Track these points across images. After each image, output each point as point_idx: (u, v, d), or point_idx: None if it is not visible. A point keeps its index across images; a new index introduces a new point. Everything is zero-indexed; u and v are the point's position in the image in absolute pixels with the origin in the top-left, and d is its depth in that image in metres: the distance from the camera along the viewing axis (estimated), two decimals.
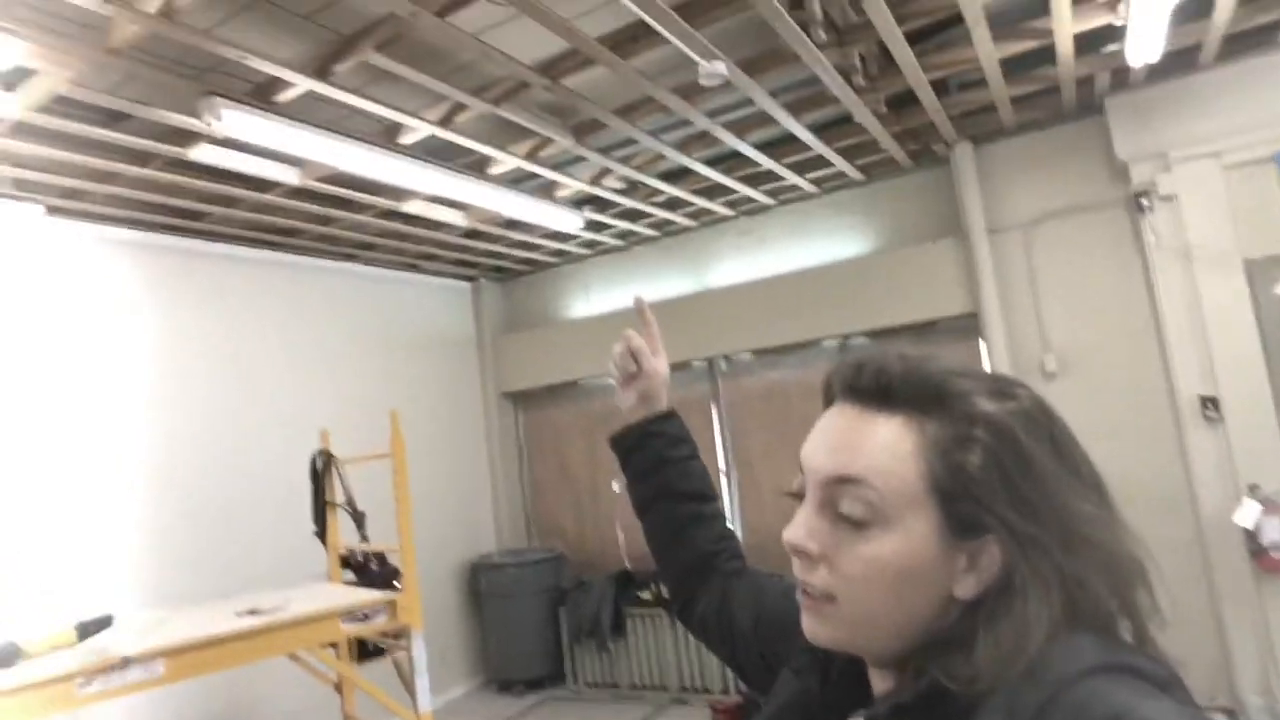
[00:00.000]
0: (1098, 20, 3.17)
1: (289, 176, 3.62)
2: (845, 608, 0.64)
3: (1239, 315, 3.86)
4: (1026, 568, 0.60)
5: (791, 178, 4.62)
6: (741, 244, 5.45)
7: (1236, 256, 3.87)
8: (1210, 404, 3.90)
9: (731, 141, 3.88)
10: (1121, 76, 3.90)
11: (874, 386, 0.66)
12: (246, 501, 4.35)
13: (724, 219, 5.38)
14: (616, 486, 5.89)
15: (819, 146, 4.12)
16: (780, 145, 4.21)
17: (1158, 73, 3.87)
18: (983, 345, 4.59)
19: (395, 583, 3.35)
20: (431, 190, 3.88)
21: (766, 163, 4.26)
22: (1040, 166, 4.45)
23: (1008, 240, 4.51)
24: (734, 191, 4.77)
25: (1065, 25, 3.15)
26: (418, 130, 3.33)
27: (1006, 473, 0.61)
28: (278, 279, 4.84)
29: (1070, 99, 4.05)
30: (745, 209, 5.25)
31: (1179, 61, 3.78)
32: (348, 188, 3.91)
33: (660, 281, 5.73)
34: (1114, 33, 3.34)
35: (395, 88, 3.08)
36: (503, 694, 5.57)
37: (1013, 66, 3.58)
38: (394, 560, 3.52)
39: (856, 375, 0.67)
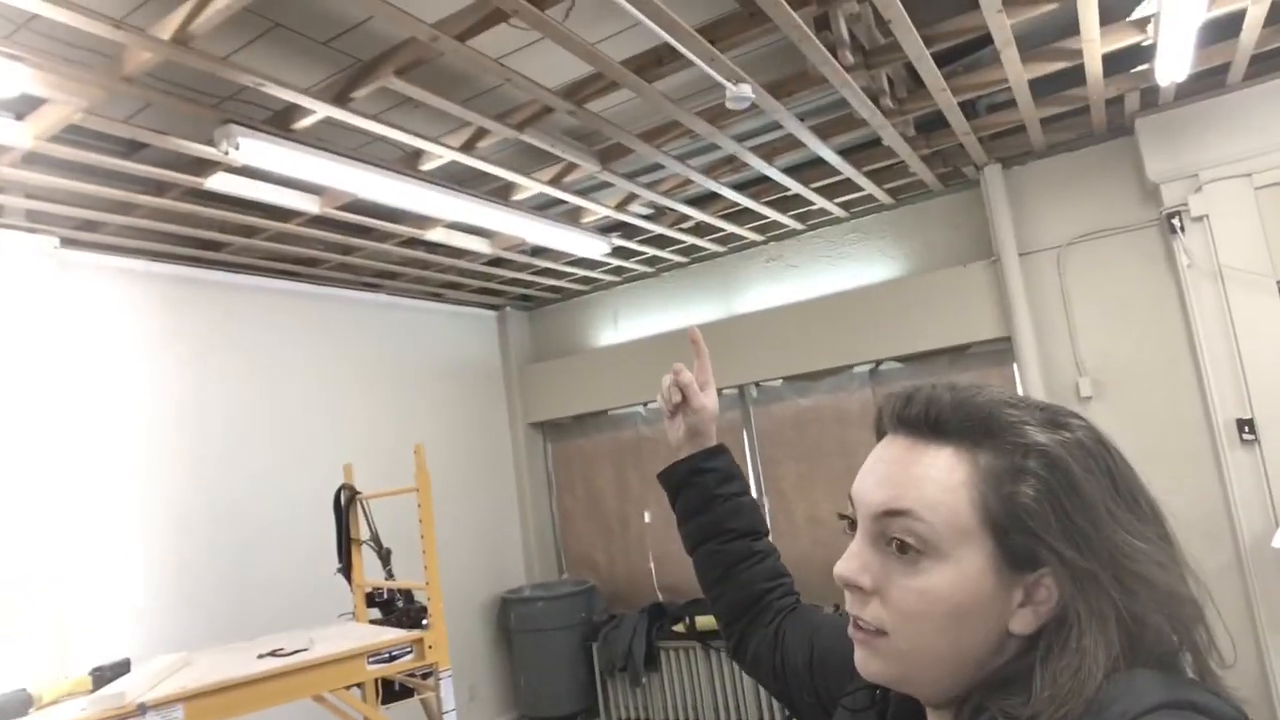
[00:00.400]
0: (1126, 40, 3.11)
1: (309, 205, 3.62)
2: (898, 642, 0.63)
3: (1272, 336, 3.75)
4: (1082, 603, 0.59)
5: (820, 202, 4.56)
6: (770, 269, 5.38)
7: (1269, 277, 3.76)
8: (1247, 426, 3.77)
9: (759, 166, 3.83)
10: (1150, 97, 3.82)
11: (924, 417, 0.65)
12: (268, 539, 4.32)
13: (752, 244, 5.32)
14: (648, 517, 5.81)
15: (847, 170, 4.06)
16: (808, 169, 4.16)
17: (1186, 93, 3.80)
18: (1016, 369, 4.46)
19: (423, 620, 3.27)
20: (454, 217, 3.87)
21: (795, 187, 4.21)
22: (1071, 188, 4.35)
23: (1040, 262, 4.41)
24: (762, 216, 4.72)
25: (1094, 45, 3.08)
26: (439, 156, 3.31)
27: (1060, 505, 0.60)
28: (298, 309, 4.84)
29: (1100, 119, 3.96)
30: (774, 234, 5.19)
31: (1208, 82, 3.72)
32: (369, 216, 3.90)
33: (689, 308, 5.67)
34: (1142, 53, 3.28)
35: (416, 114, 3.07)
36: None
37: (1041, 87, 3.52)
38: (420, 597, 3.44)
39: (905, 406, 0.67)
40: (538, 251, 4.97)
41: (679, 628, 5.19)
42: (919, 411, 0.66)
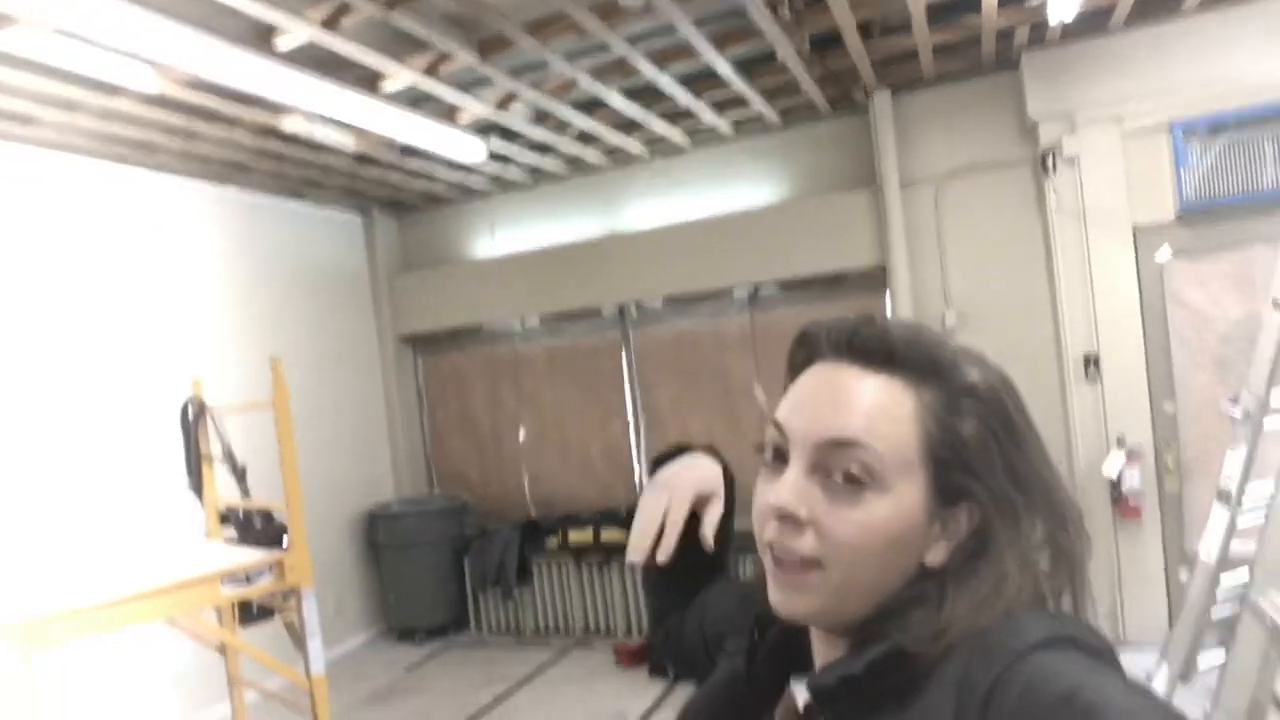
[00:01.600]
0: None
1: (142, 80, 3.16)
2: (831, 574, 0.62)
3: (1124, 279, 4.01)
4: (1006, 532, 0.61)
5: (710, 117, 4.44)
6: (655, 186, 5.25)
7: (1127, 222, 3.99)
8: (1092, 362, 4.08)
9: (650, 72, 3.66)
10: (1039, 32, 3.89)
11: (877, 347, 0.64)
12: (108, 456, 3.93)
13: (638, 159, 5.16)
14: (523, 434, 5.73)
15: (739, 84, 3.95)
16: (700, 81, 4.02)
17: (1073, 32, 3.86)
18: (888, 298, 4.61)
19: (282, 541, 3.09)
20: (314, 106, 3.48)
21: (685, 98, 4.07)
22: (955, 120, 4.43)
23: (919, 193, 4.51)
24: (649, 129, 4.56)
25: None
26: (296, 34, 2.94)
27: (998, 441, 0.62)
28: (132, 200, 4.31)
29: (989, 51, 4.02)
30: (660, 149, 5.04)
31: (1094, 23, 3.79)
32: (215, 96, 3.46)
33: (570, 219, 5.48)
34: None
35: None
36: (402, 642, 5.42)
37: (937, 13, 3.51)
38: (280, 516, 3.25)
39: (856, 335, 0.65)
40: (408, 151, 4.62)
41: (552, 543, 5.22)
42: (873, 342, 0.64)
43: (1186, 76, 3.81)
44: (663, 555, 0.86)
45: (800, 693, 0.65)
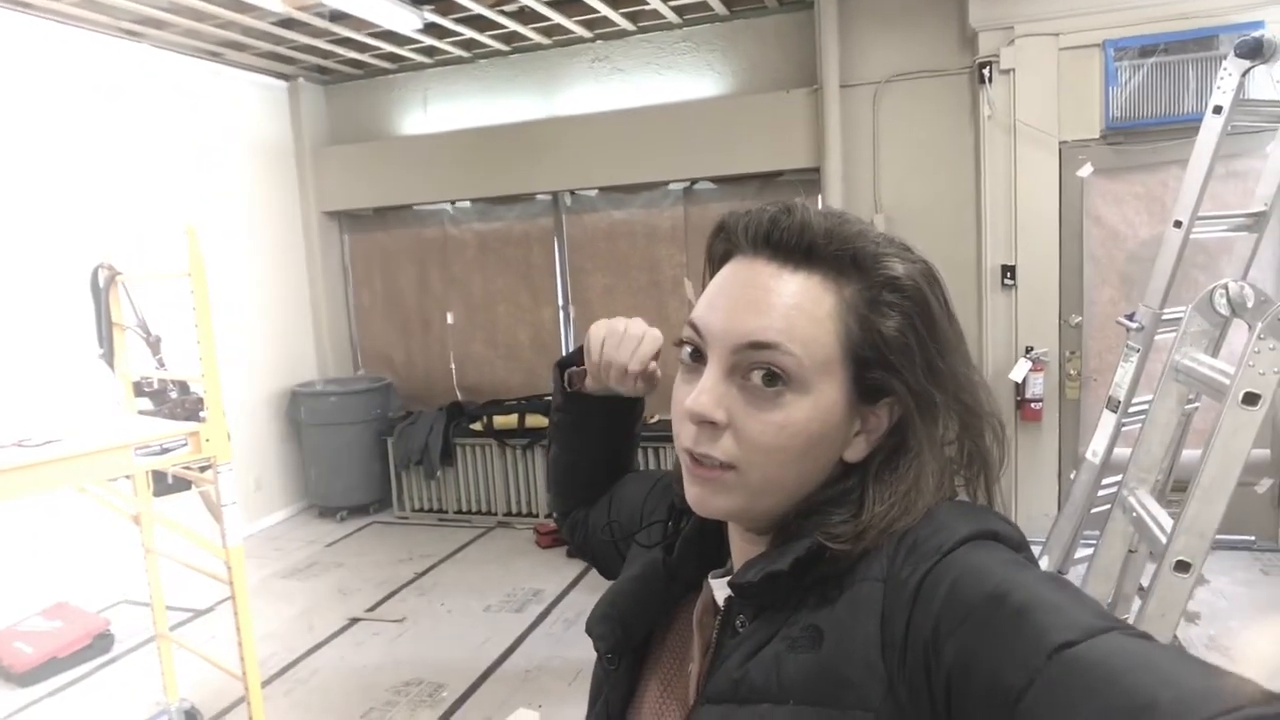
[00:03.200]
0: None
1: None
2: (748, 476, 0.61)
3: (1046, 193, 4.14)
4: (924, 429, 0.61)
5: (654, 1, 4.29)
6: (595, 70, 5.10)
7: (1054, 137, 4.09)
8: (1009, 272, 4.25)
9: None
10: None
11: (795, 243, 0.61)
12: (15, 324, 3.78)
13: (579, 40, 4.98)
14: (450, 318, 5.71)
15: None
16: None
17: None
18: (820, 200, 4.66)
19: (199, 413, 3.07)
20: None
21: None
22: (898, 23, 4.40)
23: (857, 96, 4.51)
24: (591, 9, 4.39)
25: None
26: None
27: (920, 338, 0.60)
28: (35, 53, 3.99)
29: None
30: (602, 31, 4.87)
31: None
32: None
33: (507, 100, 5.31)
34: None
35: None
36: (323, 519, 5.51)
37: None
38: (197, 388, 3.21)
39: (773, 228, 0.61)
40: (337, 16, 4.35)
41: (476, 426, 5.30)
42: (791, 236, 0.61)
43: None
44: (637, 364, 0.83)
45: (720, 589, 0.65)
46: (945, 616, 0.51)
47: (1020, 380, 4.15)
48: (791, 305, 0.60)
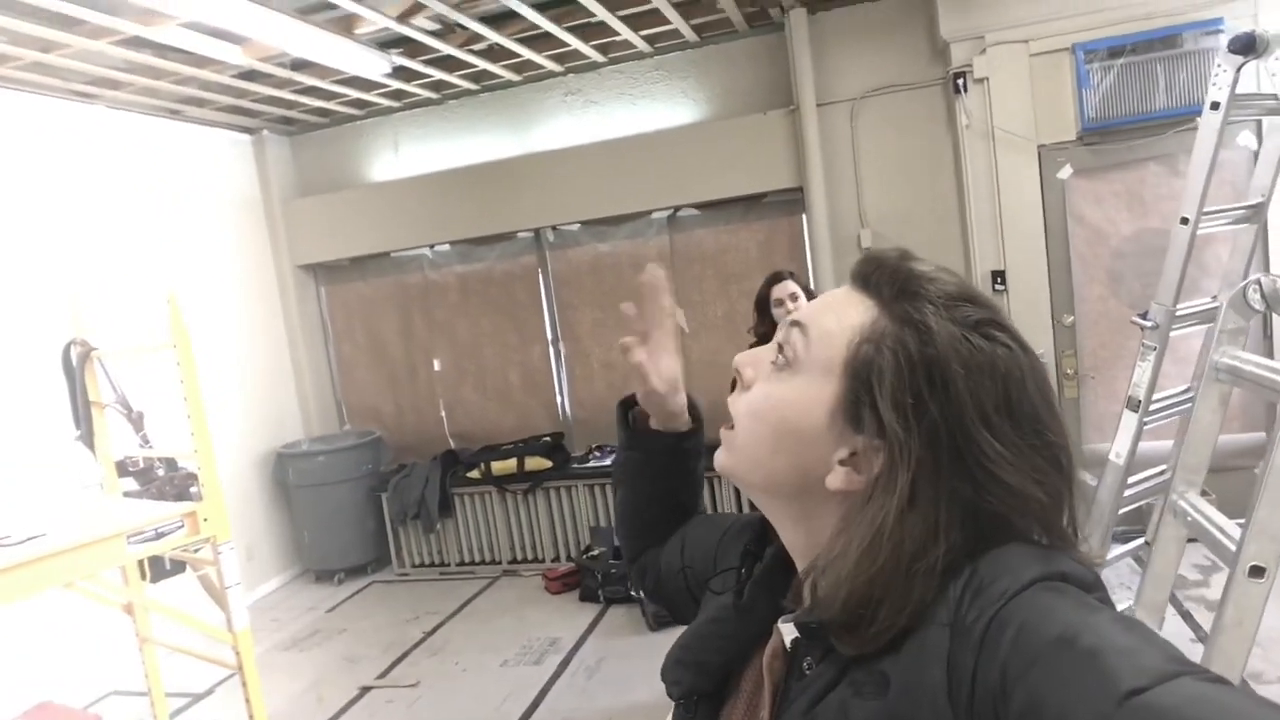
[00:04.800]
0: None
1: None
2: (739, 436, 0.68)
3: (1028, 196, 4.16)
4: (889, 480, 0.60)
5: (624, 32, 4.26)
6: (568, 104, 5.05)
7: (1032, 141, 4.12)
8: (999, 277, 4.25)
9: None
10: None
11: (860, 272, 0.68)
12: None
13: (550, 75, 4.93)
14: (438, 364, 5.57)
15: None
16: None
17: None
18: (805, 220, 4.64)
19: (191, 488, 2.91)
20: (191, 14, 3.13)
21: (599, 11, 3.87)
22: (870, 39, 4.42)
23: (834, 114, 4.50)
24: (562, 43, 4.34)
25: None
26: None
27: (914, 385, 0.60)
28: None
29: None
30: (573, 65, 4.82)
31: None
32: (76, 3, 3.07)
33: (480, 139, 5.23)
34: None
35: None
36: (320, 583, 5.31)
37: None
38: (186, 464, 3.05)
39: (860, 262, 0.69)
40: (300, 65, 4.25)
41: (474, 474, 5.16)
42: (861, 267, 0.68)
43: (1089, 2, 3.91)
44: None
45: (789, 631, 0.65)
46: (1012, 662, 0.50)
47: None
48: (836, 309, 0.66)
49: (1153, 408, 2.60)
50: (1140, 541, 2.80)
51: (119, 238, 4.44)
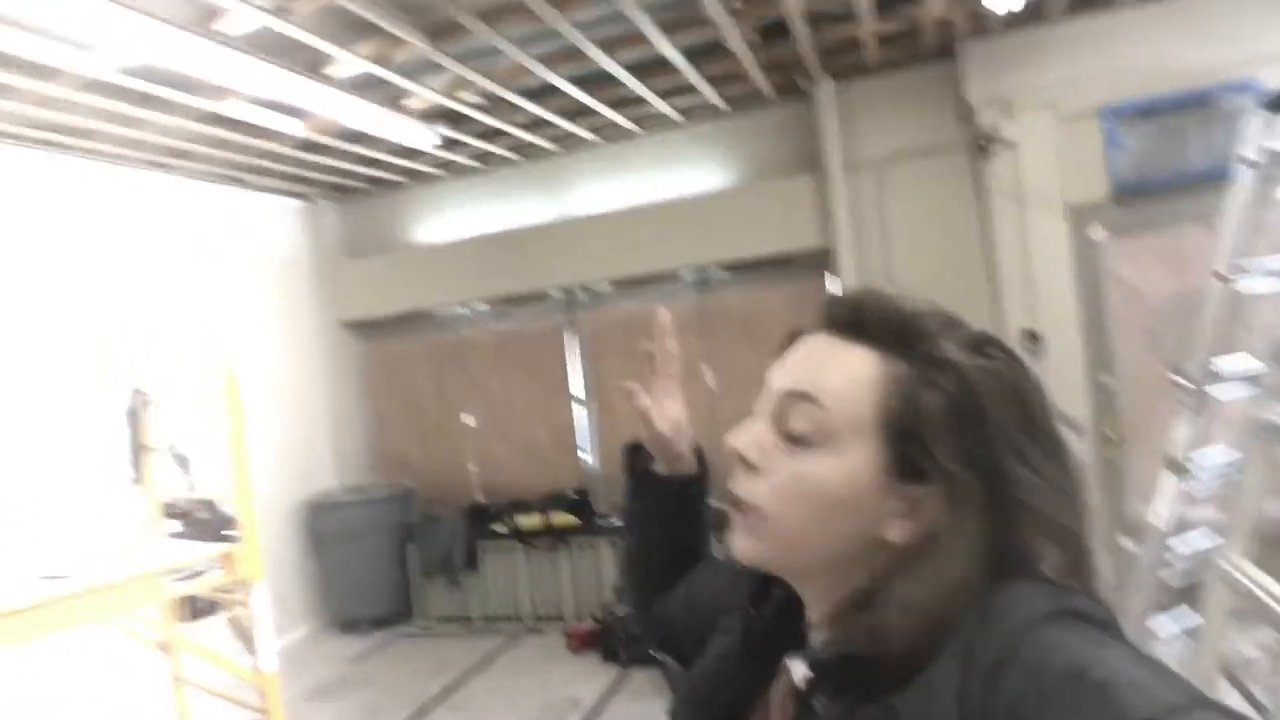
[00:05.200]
0: None
1: (80, 64, 3.03)
2: (774, 524, 0.63)
3: (1060, 257, 4.18)
4: (955, 521, 0.59)
5: (658, 104, 4.46)
6: (604, 171, 5.26)
7: (1062, 202, 4.16)
8: (1032, 337, 4.24)
9: (600, 59, 3.65)
10: (978, 22, 4.01)
11: (846, 317, 0.66)
12: (50, 448, 3.77)
13: (587, 144, 5.15)
14: (470, 420, 5.69)
15: (688, 72, 3.98)
16: (649, 69, 4.03)
17: (1009, 22, 4.00)
18: (832, 280, 4.72)
19: (229, 531, 3.03)
20: (259, 91, 3.39)
21: (635, 86, 4.08)
22: (896, 107, 4.55)
23: (862, 178, 4.62)
24: (599, 115, 4.55)
25: None
26: (244, 17, 2.86)
27: (959, 424, 0.60)
28: (69, 188, 4.15)
29: (930, 41, 4.13)
30: (609, 135, 5.04)
31: (1029, 13, 3.92)
32: (155, 82, 3.34)
33: (519, 206, 5.45)
34: None
35: None
36: (347, 634, 5.35)
37: (880, 4, 3.59)
38: (225, 508, 3.18)
39: (832, 306, 0.68)
40: (355, 137, 4.52)
41: (500, 528, 5.21)
42: (843, 311, 0.66)
43: (1116, 64, 4.00)
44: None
45: (798, 669, 0.65)
46: (1023, 697, 0.49)
47: None
48: (834, 366, 0.63)
49: (1201, 472, 2.55)
50: (1191, 616, 2.72)
51: (178, 292, 4.68)
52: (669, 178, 5.11)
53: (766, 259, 4.91)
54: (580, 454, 5.48)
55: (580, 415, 5.47)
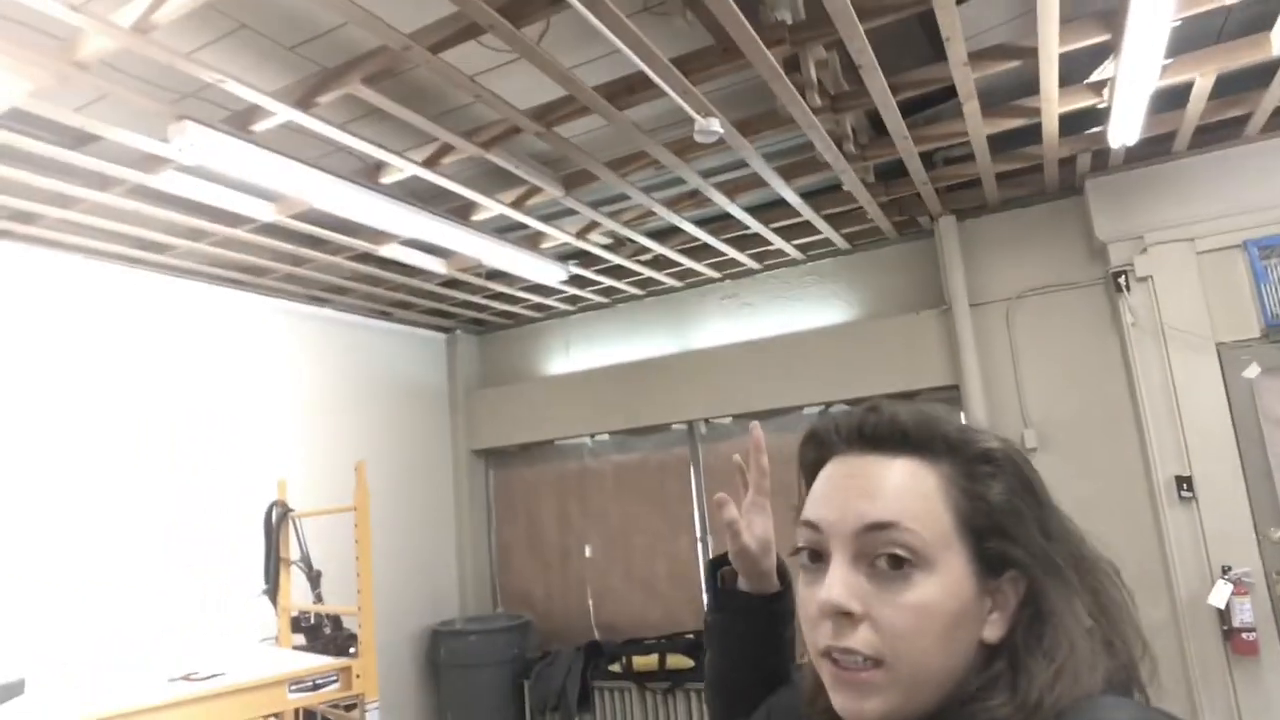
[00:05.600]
0: (1082, 102, 3.24)
1: (261, 211, 3.50)
2: (896, 669, 0.60)
3: (1211, 396, 3.88)
4: (1057, 595, 0.60)
5: (778, 243, 4.60)
6: (725, 307, 5.40)
7: (1209, 339, 3.91)
8: (1185, 484, 3.89)
9: (721, 202, 3.85)
10: (1101, 159, 3.98)
11: (889, 433, 0.65)
12: (190, 556, 4.09)
13: (709, 280, 5.34)
14: (589, 551, 5.70)
15: (807, 213, 4.11)
16: (769, 209, 4.20)
17: (1135, 157, 3.96)
18: (963, 417, 4.53)
19: (350, 649, 3.12)
20: (411, 234, 3.78)
21: (755, 226, 4.24)
22: (1022, 242, 4.48)
23: (989, 313, 4.51)
24: (720, 254, 4.74)
25: (1052, 105, 3.20)
26: (401, 170, 3.24)
27: (1025, 501, 0.63)
28: (241, 319, 4.68)
29: (1053, 178, 4.10)
30: (731, 272, 5.22)
31: (1156, 148, 3.89)
32: (322, 226, 3.79)
33: (642, 340, 5.65)
34: (1097, 115, 3.42)
35: (381, 125, 3.01)
36: None
37: (998, 143, 3.63)
38: (349, 624, 3.29)
39: (865, 423, 0.67)
40: (493, 275, 4.90)
41: (615, 667, 5.06)
42: (885, 427, 0.66)
43: (1255, 198, 3.84)
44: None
45: None
46: None
47: (1223, 607, 3.64)
48: (900, 486, 0.63)
49: None
50: None
51: (327, 417, 5.07)
52: (790, 313, 5.18)
53: (892, 395, 4.79)
54: (701, 593, 5.32)
55: (700, 552, 5.36)
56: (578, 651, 5.24)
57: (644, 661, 4.98)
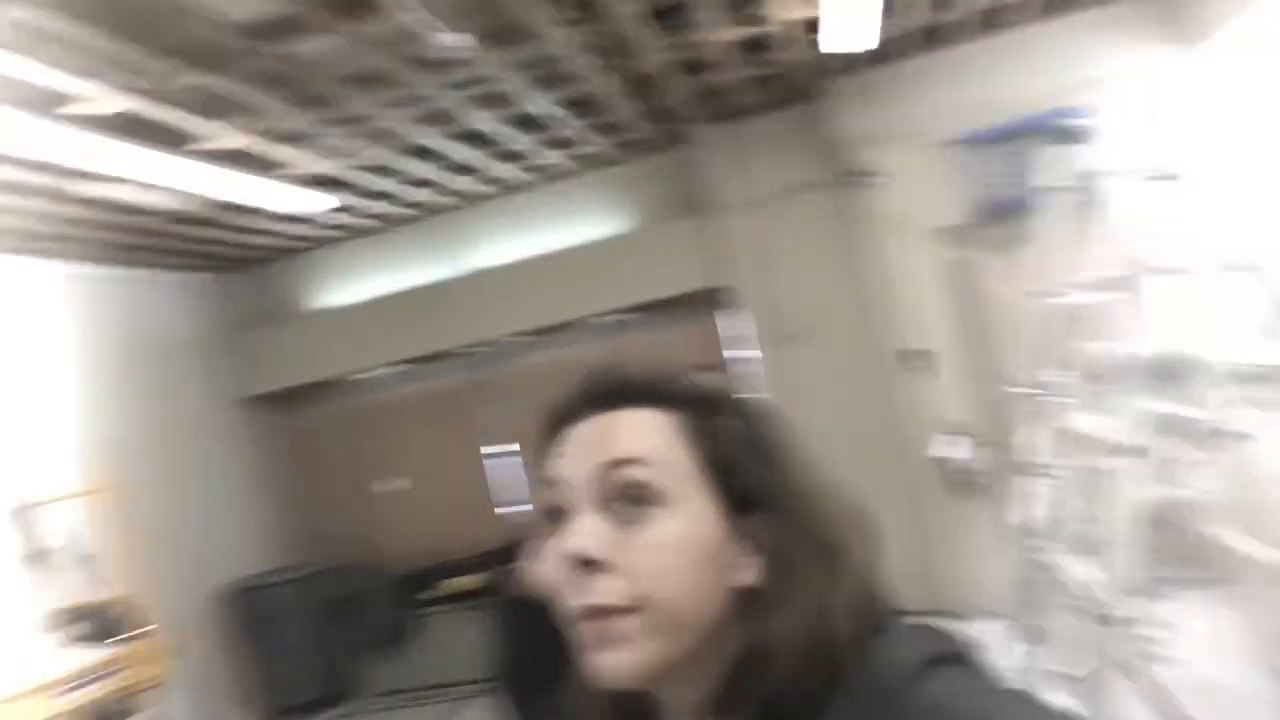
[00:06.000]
0: (800, 13, 3.37)
1: None
2: (651, 613, 0.57)
3: (933, 278, 4.41)
4: (799, 534, 0.60)
5: (541, 157, 4.57)
6: (502, 224, 5.34)
7: (932, 226, 4.37)
8: (916, 355, 4.42)
9: (480, 119, 3.72)
10: (847, 62, 4.17)
11: (620, 389, 0.64)
12: None
13: (480, 197, 5.23)
14: (400, 484, 5.56)
15: (567, 124, 4.08)
16: (531, 123, 4.12)
17: (877, 59, 4.21)
18: (720, 319, 4.86)
19: (129, 633, 2.90)
20: (119, 170, 3.30)
21: (517, 140, 4.17)
22: (774, 146, 4.75)
23: (746, 217, 4.76)
24: (485, 170, 4.62)
25: (779, 11, 3.34)
26: (108, 103, 2.81)
27: (763, 443, 0.63)
28: None
29: (800, 82, 4.32)
30: (499, 188, 5.12)
31: (895, 49, 4.17)
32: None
33: (425, 265, 5.49)
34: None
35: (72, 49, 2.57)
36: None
37: (748, 50, 3.75)
38: (129, 606, 3.05)
39: (589, 383, 0.65)
40: (239, 208, 4.44)
41: (435, 593, 5.09)
42: (611, 384, 0.64)
43: (966, 96, 4.27)
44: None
45: None
46: None
47: (946, 455, 4.24)
48: (635, 428, 0.62)
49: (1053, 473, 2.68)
50: None
51: (71, 384, 4.43)
52: (563, 228, 5.23)
53: (658, 301, 5.00)
54: (501, 509, 5.43)
55: (500, 468, 5.43)
56: (395, 583, 5.20)
57: (462, 583, 5.04)
